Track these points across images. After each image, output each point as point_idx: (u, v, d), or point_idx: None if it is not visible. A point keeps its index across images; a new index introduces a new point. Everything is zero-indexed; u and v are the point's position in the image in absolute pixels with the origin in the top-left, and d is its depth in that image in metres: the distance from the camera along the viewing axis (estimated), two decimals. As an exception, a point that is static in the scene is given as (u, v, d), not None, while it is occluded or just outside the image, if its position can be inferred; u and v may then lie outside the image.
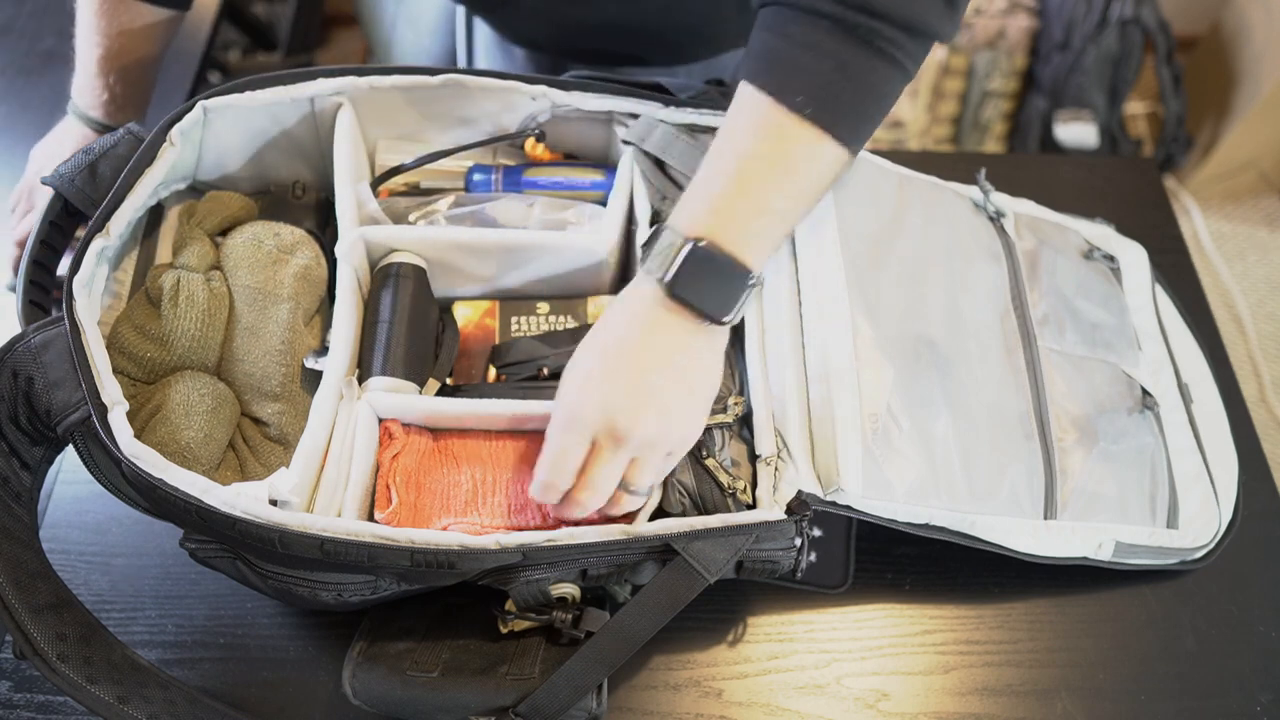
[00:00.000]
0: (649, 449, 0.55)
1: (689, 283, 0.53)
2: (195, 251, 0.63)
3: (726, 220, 0.53)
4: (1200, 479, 0.72)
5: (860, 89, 0.52)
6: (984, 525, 0.62)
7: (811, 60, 0.51)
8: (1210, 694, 0.67)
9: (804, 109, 0.51)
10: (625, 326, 0.55)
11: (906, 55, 0.52)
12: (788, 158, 0.53)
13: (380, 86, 0.67)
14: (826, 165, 0.54)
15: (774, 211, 0.54)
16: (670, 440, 0.55)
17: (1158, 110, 1.99)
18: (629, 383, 0.53)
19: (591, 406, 0.53)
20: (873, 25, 0.50)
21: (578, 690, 0.55)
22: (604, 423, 0.53)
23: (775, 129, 0.52)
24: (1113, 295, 0.77)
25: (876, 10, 0.50)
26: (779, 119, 0.52)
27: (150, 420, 0.59)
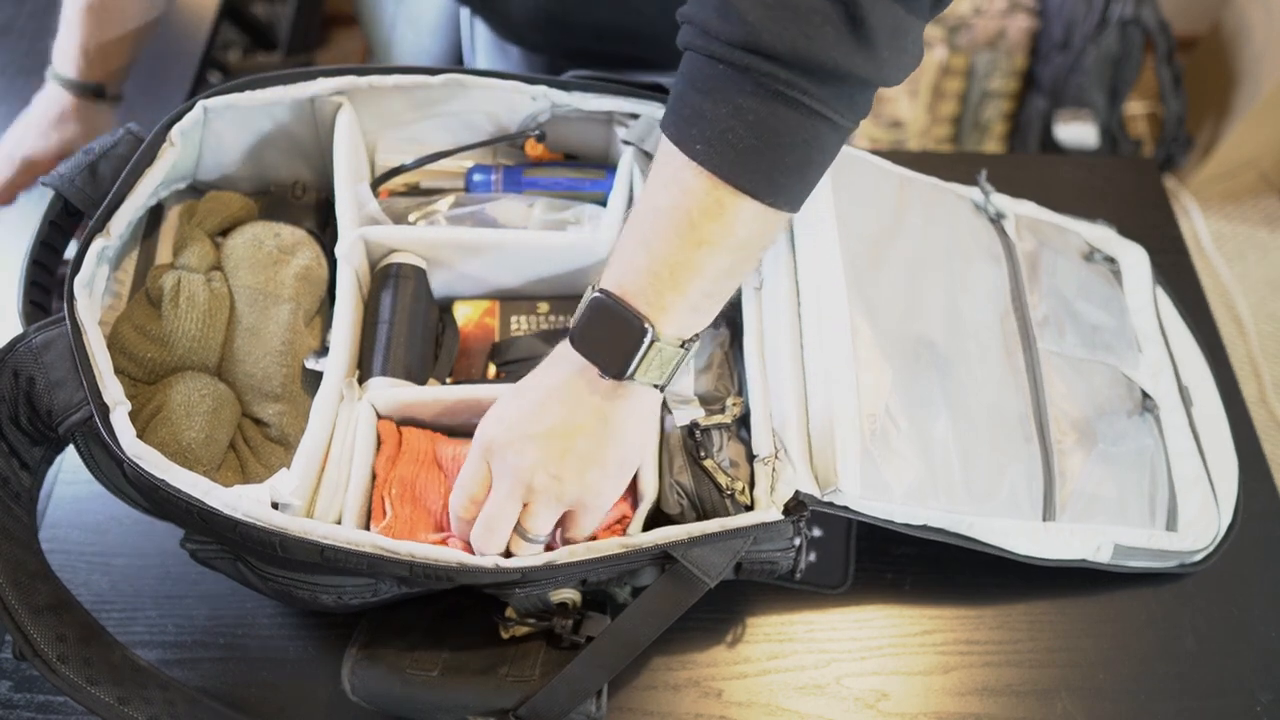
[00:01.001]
0: (542, 499, 0.53)
1: (586, 333, 0.51)
2: (195, 251, 0.63)
3: (631, 274, 0.50)
4: (1200, 482, 0.72)
5: (763, 136, 0.47)
6: (982, 527, 0.62)
7: (710, 106, 0.47)
8: (1210, 694, 0.67)
9: (700, 157, 0.48)
10: (542, 374, 0.55)
11: (816, 100, 0.47)
12: (689, 210, 0.49)
13: (380, 86, 0.67)
14: (737, 219, 0.49)
15: (679, 265, 0.49)
16: (564, 497, 0.53)
17: (1158, 110, 1.99)
18: (529, 424, 0.53)
19: (489, 434, 0.54)
20: (763, 67, 0.45)
21: (578, 694, 0.55)
22: (497, 454, 0.53)
23: (677, 179, 0.49)
24: (1113, 297, 0.77)
25: (765, 49, 0.45)
26: (680, 169, 0.49)
27: (151, 421, 0.59)
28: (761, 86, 0.46)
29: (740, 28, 0.45)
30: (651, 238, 0.50)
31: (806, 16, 0.45)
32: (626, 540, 0.55)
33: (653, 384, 0.52)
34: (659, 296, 0.50)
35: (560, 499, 0.53)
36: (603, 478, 0.54)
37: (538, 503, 0.53)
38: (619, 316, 0.50)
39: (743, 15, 0.45)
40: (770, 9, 0.45)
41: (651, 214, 0.51)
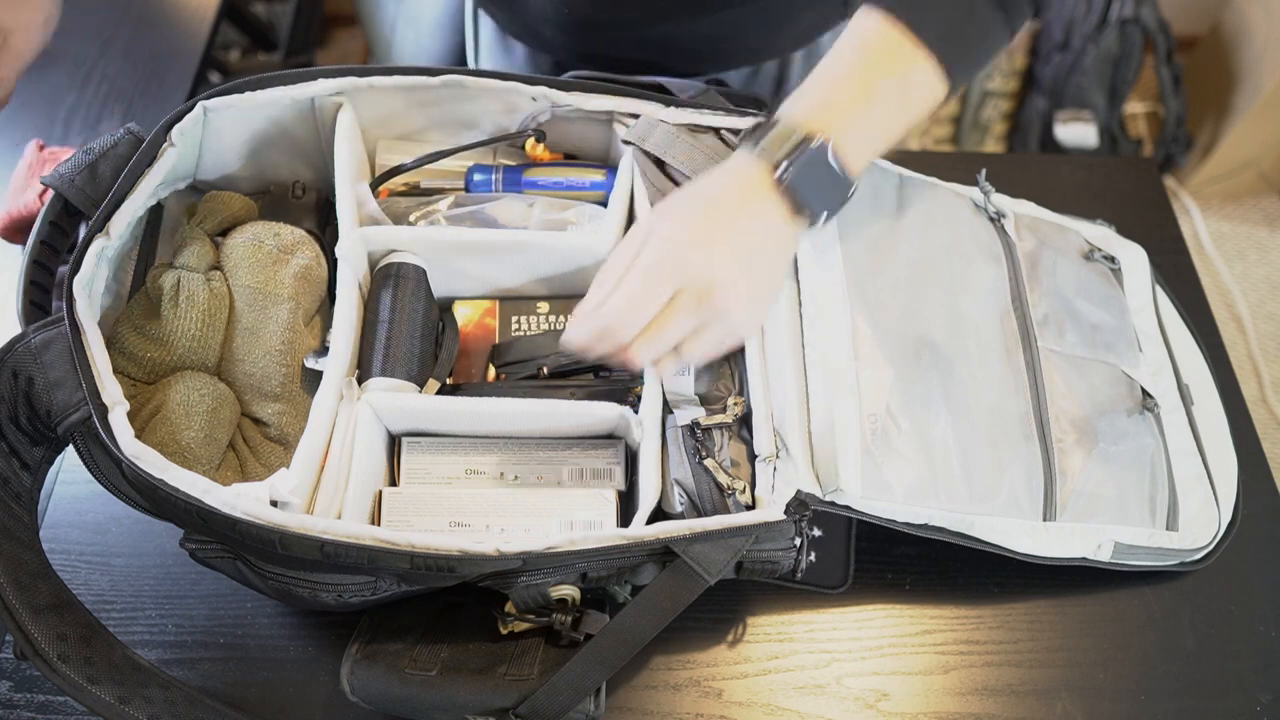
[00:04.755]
0: (723, 321, 0.54)
1: (803, 175, 0.54)
2: (195, 251, 0.63)
3: (845, 125, 0.55)
4: (1200, 481, 0.72)
5: (982, 39, 0.56)
6: (983, 526, 0.62)
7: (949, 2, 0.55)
8: (1210, 694, 0.67)
9: (934, 45, 0.54)
10: (735, 197, 0.55)
11: (1019, 16, 0.56)
12: (911, 85, 0.55)
13: (380, 86, 0.67)
14: (934, 100, 0.57)
15: (884, 128, 0.56)
16: (739, 322, 0.55)
17: (1158, 110, 1.99)
18: (734, 249, 0.53)
19: (694, 259, 0.52)
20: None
21: (578, 692, 0.55)
22: (702, 279, 0.52)
23: (906, 56, 0.55)
24: (1113, 296, 0.77)
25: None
26: (909, 48, 0.54)
27: (150, 420, 0.59)
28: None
29: None
30: (876, 100, 0.55)
31: None
32: (628, 533, 0.55)
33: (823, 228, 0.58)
34: (861, 156, 0.56)
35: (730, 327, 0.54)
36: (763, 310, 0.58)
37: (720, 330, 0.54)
38: (836, 167, 0.54)
39: None
40: None
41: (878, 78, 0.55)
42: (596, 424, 0.65)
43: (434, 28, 1.12)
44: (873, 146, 0.57)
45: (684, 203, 0.55)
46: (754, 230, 0.54)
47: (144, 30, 1.06)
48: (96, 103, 1.00)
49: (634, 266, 0.52)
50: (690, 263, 0.52)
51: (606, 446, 0.66)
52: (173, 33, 1.07)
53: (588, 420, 0.64)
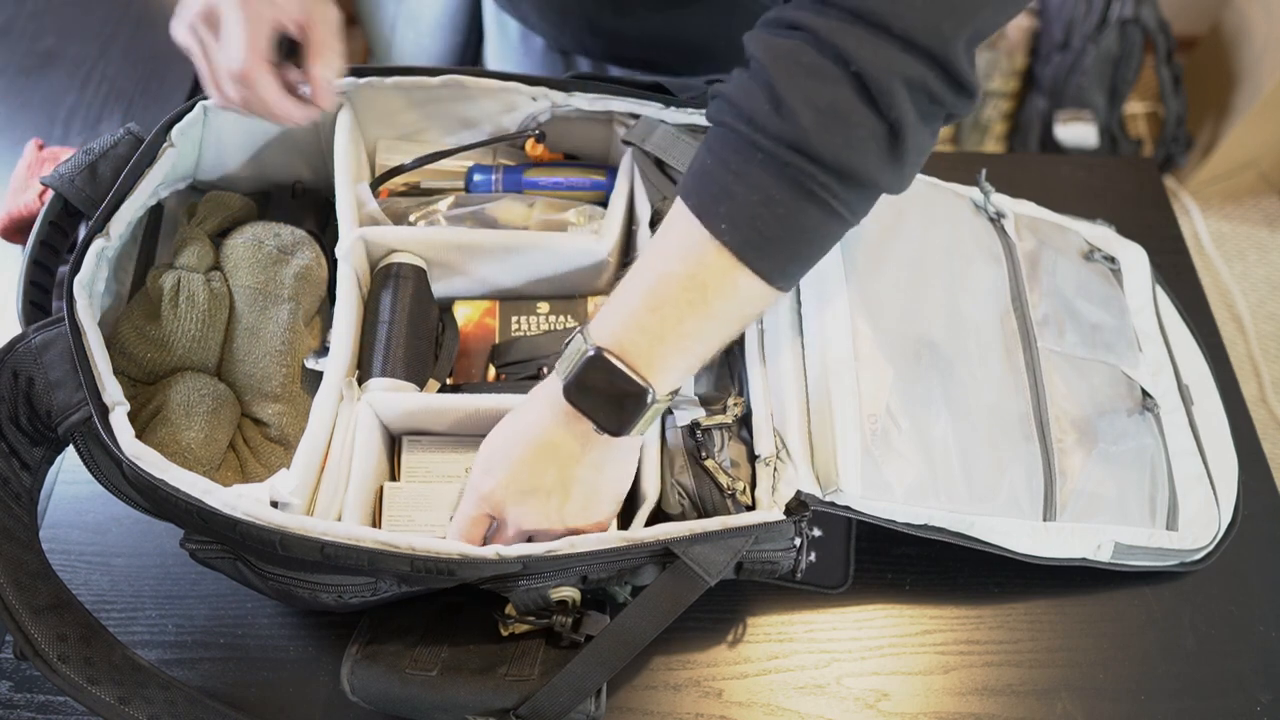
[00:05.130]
0: (541, 533, 0.56)
1: (584, 392, 0.52)
2: (195, 252, 0.63)
3: (634, 334, 0.52)
4: (1200, 481, 0.72)
5: (788, 228, 0.50)
6: (983, 526, 0.62)
7: (742, 190, 0.49)
8: (1210, 694, 0.67)
9: (725, 237, 0.50)
10: (525, 427, 0.55)
11: (841, 203, 0.49)
12: (704, 283, 0.51)
13: (380, 86, 0.67)
14: (745, 297, 0.52)
15: (685, 334, 0.52)
16: (562, 528, 0.56)
17: (1158, 110, 1.99)
18: (522, 483, 0.54)
19: (491, 492, 0.55)
20: (805, 167, 0.48)
21: (578, 693, 0.55)
22: (496, 509, 0.55)
23: (696, 251, 0.51)
24: (1113, 296, 0.77)
25: (811, 152, 0.47)
26: (701, 242, 0.50)
27: (151, 421, 0.59)
28: (797, 184, 0.49)
29: (792, 128, 0.47)
30: (662, 303, 0.51)
31: (854, 129, 0.48)
32: (628, 534, 0.55)
33: (639, 434, 0.55)
34: (662, 359, 0.52)
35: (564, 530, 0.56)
36: (599, 509, 0.57)
37: (543, 538, 0.56)
38: (621, 377, 0.51)
39: (797, 116, 0.47)
40: (822, 115, 0.47)
41: (663, 279, 0.52)
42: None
43: (434, 28, 1.12)
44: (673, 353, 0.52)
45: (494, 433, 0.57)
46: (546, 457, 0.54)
47: (144, 30, 1.06)
48: (96, 103, 1.00)
49: None
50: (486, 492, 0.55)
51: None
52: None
53: (588, 420, 0.64)
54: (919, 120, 0.48)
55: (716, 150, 0.51)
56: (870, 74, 0.46)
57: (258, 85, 0.58)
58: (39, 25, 1.07)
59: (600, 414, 0.53)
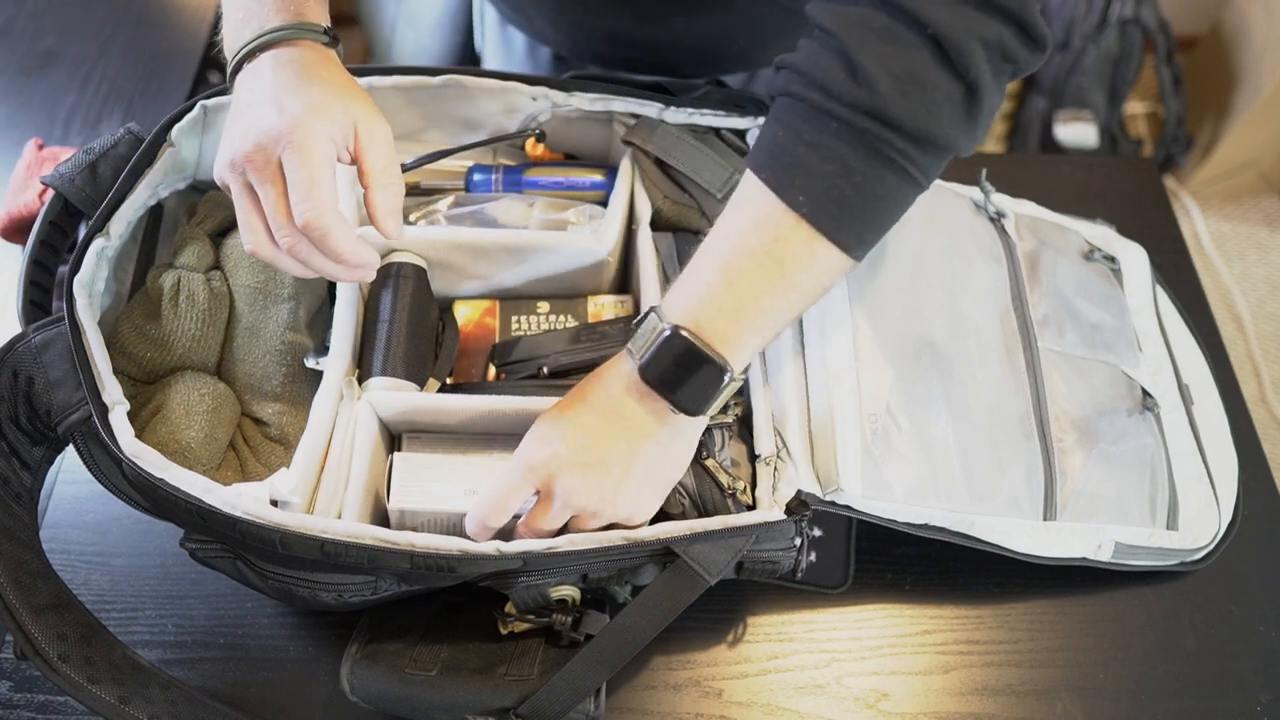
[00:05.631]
0: (589, 516, 0.54)
1: (663, 371, 0.51)
2: (195, 251, 0.63)
3: (712, 312, 0.51)
4: (1200, 480, 0.72)
5: (865, 196, 0.50)
6: (983, 526, 0.62)
7: (817, 161, 0.49)
8: (1210, 694, 0.67)
9: (803, 209, 0.49)
10: (598, 398, 0.54)
11: (918, 168, 0.49)
12: (782, 257, 0.50)
13: (380, 86, 0.67)
14: (823, 268, 0.51)
15: (762, 309, 0.51)
16: (614, 515, 0.55)
17: (1158, 110, 1.99)
18: (586, 454, 0.53)
19: (546, 462, 0.53)
20: (883, 134, 0.48)
21: (578, 692, 0.55)
22: (553, 483, 0.53)
23: (772, 226, 0.50)
24: (1113, 296, 0.77)
25: (889, 119, 0.47)
26: (778, 216, 0.50)
27: (151, 420, 0.59)
28: (875, 151, 0.49)
29: (869, 94, 0.47)
30: (739, 280, 0.51)
31: (932, 93, 0.48)
32: (629, 533, 0.55)
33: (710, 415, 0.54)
34: (739, 336, 0.51)
35: (611, 517, 0.55)
36: (652, 496, 0.56)
37: (587, 520, 0.55)
38: (699, 356, 0.51)
39: (873, 82, 0.47)
40: (900, 82, 0.47)
41: (739, 254, 0.51)
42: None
43: (434, 28, 1.12)
44: (753, 330, 0.52)
45: (554, 410, 0.55)
46: (615, 435, 0.53)
47: (144, 30, 1.06)
48: (96, 103, 1.00)
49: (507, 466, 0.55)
50: (541, 466, 0.53)
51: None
52: (173, 33, 1.07)
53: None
54: (994, 80, 0.49)
55: (787, 121, 0.50)
56: (948, 37, 0.46)
57: (331, 235, 0.49)
58: (39, 25, 1.07)
59: (677, 393, 0.52)
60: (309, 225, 0.49)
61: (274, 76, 0.51)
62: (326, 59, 0.53)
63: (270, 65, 0.52)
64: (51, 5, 1.08)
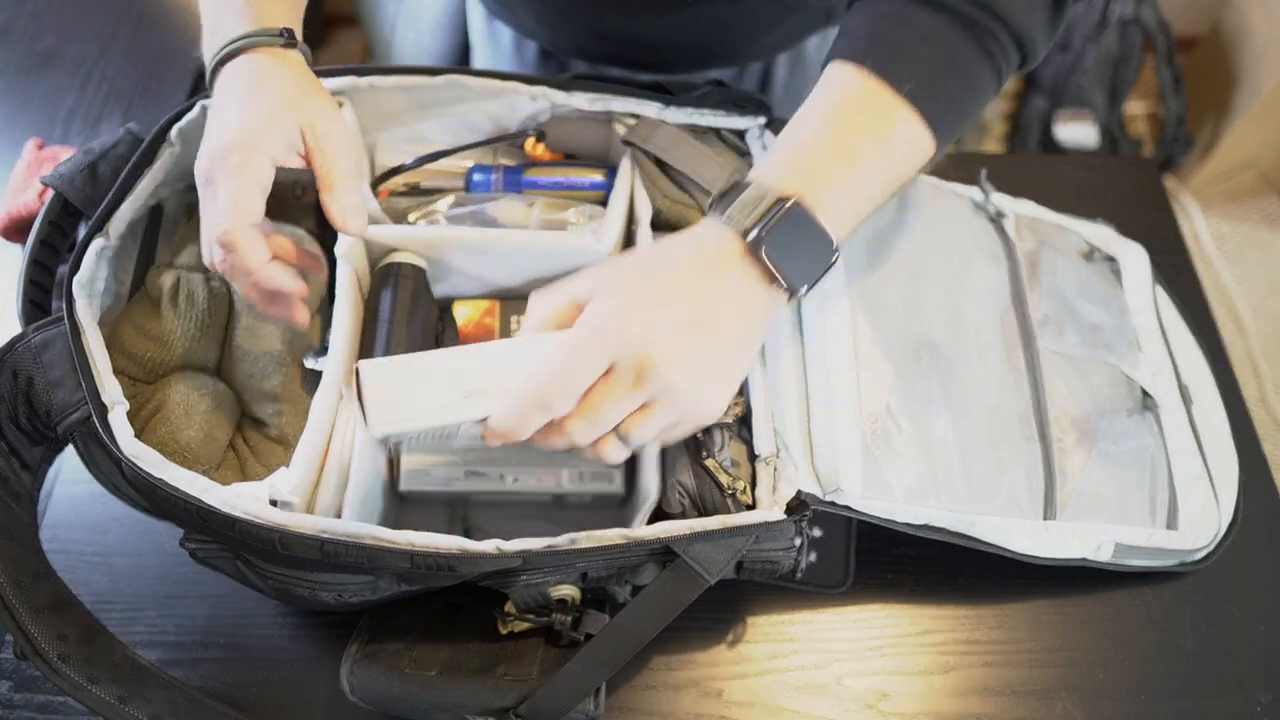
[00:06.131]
0: (667, 401, 0.48)
1: (778, 239, 0.49)
2: (195, 251, 0.63)
3: (822, 185, 0.50)
4: (1200, 480, 0.72)
5: (966, 87, 0.52)
6: (983, 526, 0.62)
7: (927, 50, 0.51)
8: (1210, 694, 0.67)
9: (913, 95, 0.51)
10: (694, 265, 0.49)
11: (1007, 64, 0.52)
12: (890, 139, 0.52)
13: (380, 86, 0.67)
14: (920, 155, 0.53)
15: (866, 188, 0.52)
16: (691, 404, 0.49)
17: (1158, 110, 1.99)
18: (684, 321, 0.47)
19: (632, 327, 0.47)
20: (991, 26, 0.51)
21: (578, 692, 0.55)
22: (640, 349, 0.46)
23: (883, 109, 0.51)
24: (1113, 296, 0.77)
25: (997, 11, 0.50)
26: (887, 101, 0.51)
27: (150, 420, 0.59)
28: (980, 44, 0.51)
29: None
30: (852, 158, 0.51)
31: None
32: (628, 532, 0.55)
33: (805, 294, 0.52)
34: (841, 214, 0.51)
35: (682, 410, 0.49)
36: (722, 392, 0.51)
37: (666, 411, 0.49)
38: (814, 229, 0.50)
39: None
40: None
41: (851, 133, 0.51)
42: (596, 424, 0.65)
43: (434, 28, 1.12)
44: (855, 209, 0.52)
45: (633, 267, 0.51)
46: (713, 302, 0.49)
47: (144, 30, 1.06)
48: (96, 103, 1.00)
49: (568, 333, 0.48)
50: (628, 330, 0.47)
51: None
52: (173, 33, 1.07)
53: (588, 420, 0.64)
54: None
55: (889, 13, 0.52)
56: None
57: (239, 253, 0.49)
58: (39, 25, 1.07)
59: (792, 267, 0.49)
60: (221, 242, 0.50)
61: (228, 91, 0.52)
62: (280, 64, 0.53)
63: (228, 79, 0.53)
64: (51, 5, 1.08)
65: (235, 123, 0.50)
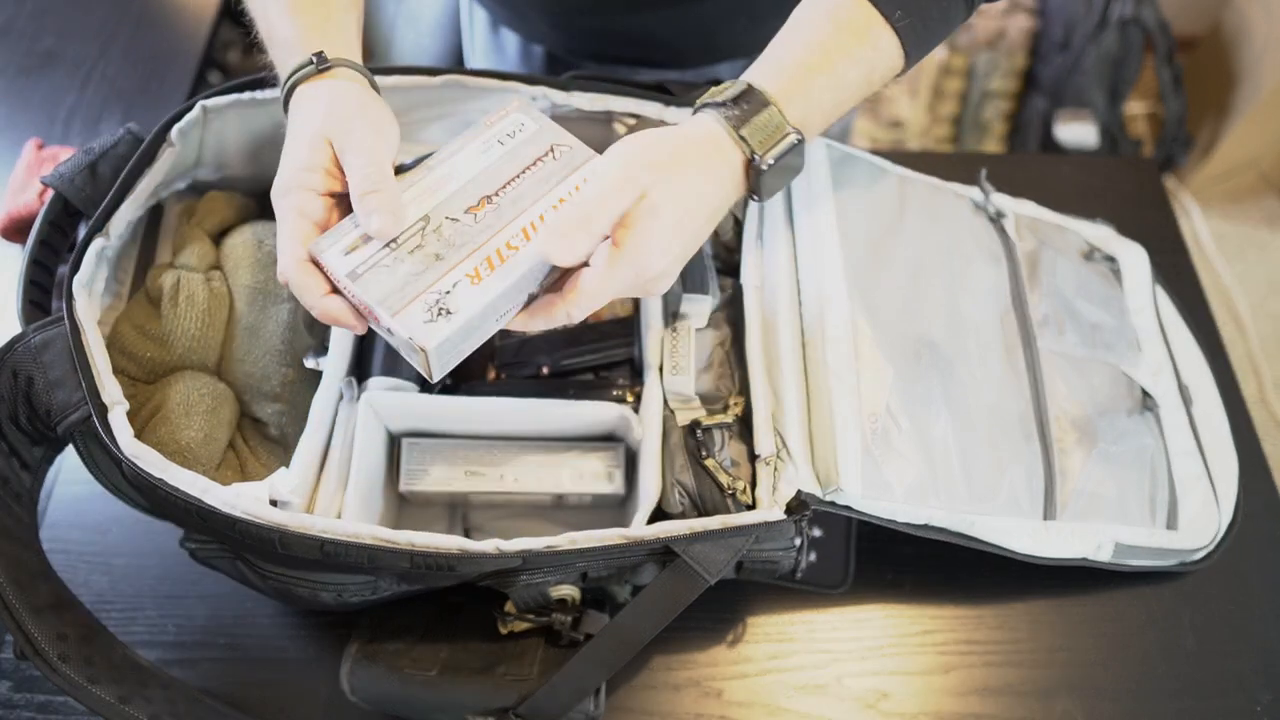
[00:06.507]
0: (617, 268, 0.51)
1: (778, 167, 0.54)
2: (195, 251, 0.63)
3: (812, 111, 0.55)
4: (1200, 480, 0.72)
5: (942, 18, 0.56)
6: (983, 526, 0.62)
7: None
8: (1210, 694, 0.67)
9: (899, 24, 0.54)
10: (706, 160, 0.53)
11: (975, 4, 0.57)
12: (875, 64, 0.55)
13: (380, 86, 0.66)
14: (891, 76, 0.57)
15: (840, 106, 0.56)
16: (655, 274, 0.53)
17: (1158, 110, 1.99)
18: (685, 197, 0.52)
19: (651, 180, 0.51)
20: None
21: (578, 692, 0.55)
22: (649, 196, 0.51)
23: (873, 34, 0.54)
24: (1113, 296, 0.77)
25: None
26: (876, 27, 0.54)
27: (150, 420, 0.59)
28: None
29: None
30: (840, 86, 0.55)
31: None
32: (628, 532, 0.55)
33: None
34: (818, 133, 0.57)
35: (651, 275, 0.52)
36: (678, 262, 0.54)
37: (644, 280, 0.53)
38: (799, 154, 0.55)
39: None
40: None
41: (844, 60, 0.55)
42: (596, 424, 0.65)
43: (434, 28, 1.12)
44: (829, 123, 0.58)
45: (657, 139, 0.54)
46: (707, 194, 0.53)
47: (144, 30, 1.07)
48: (96, 103, 1.00)
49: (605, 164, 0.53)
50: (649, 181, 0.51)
51: (606, 449, 0.66)
52: (173, 33, 1.07)
53: (588, 420, 0.64)
54: None
55: None
56: None
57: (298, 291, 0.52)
58: (39, 25, 1.07)
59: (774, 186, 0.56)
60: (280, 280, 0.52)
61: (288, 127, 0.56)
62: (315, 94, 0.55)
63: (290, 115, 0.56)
64: (51, 5, 1.08)
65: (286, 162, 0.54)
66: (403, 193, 0.54)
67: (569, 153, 0.57)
